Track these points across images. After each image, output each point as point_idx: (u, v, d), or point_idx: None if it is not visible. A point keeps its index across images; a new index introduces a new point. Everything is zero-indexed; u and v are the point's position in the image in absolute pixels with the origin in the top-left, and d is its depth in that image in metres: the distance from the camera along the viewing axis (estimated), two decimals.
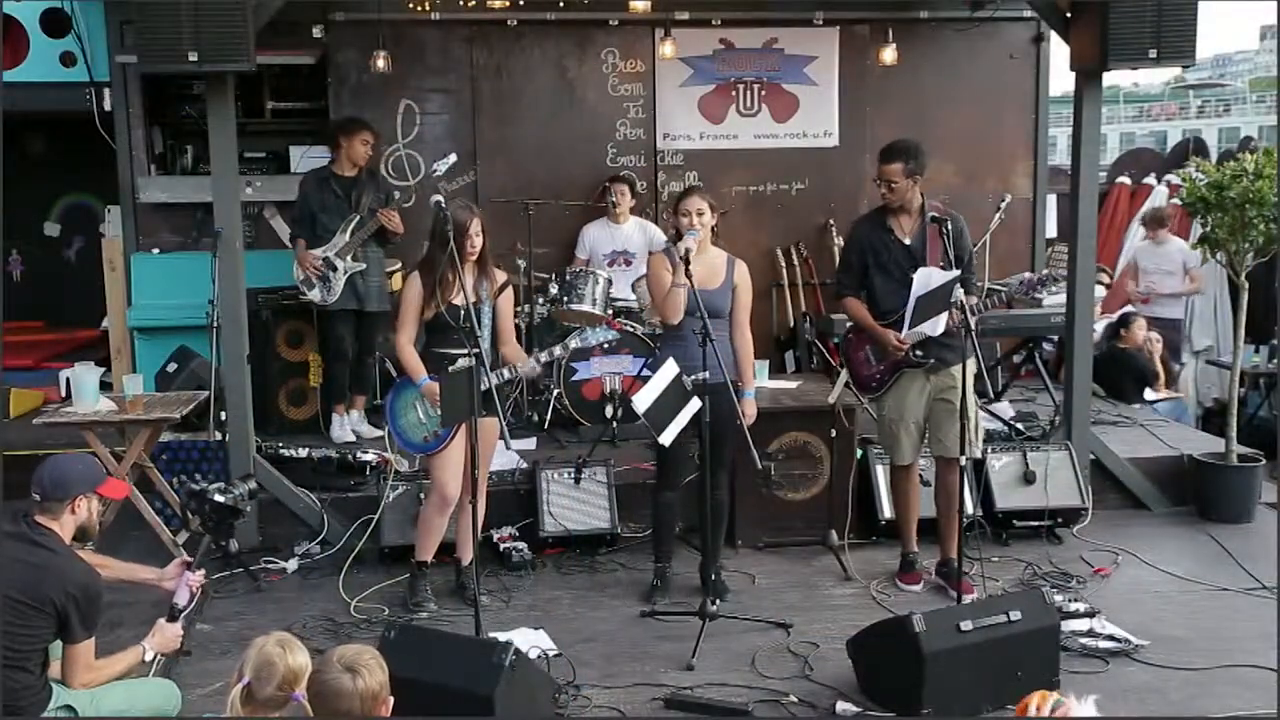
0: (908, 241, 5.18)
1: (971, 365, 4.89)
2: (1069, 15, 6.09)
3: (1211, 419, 8.59)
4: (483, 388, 4.62)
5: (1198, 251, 7.23)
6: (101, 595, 3.57)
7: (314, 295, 6.67)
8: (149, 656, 3.78)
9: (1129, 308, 8.88)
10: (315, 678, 2.77)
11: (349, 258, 6.68)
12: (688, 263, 4.86)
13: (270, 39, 5.87)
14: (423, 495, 5.57)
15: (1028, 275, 5.35)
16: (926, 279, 5.01)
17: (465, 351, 4.68)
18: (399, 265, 7.09)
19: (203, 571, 4.06)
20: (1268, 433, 7.44)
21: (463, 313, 4.77)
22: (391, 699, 2.81)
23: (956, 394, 4.90)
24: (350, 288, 6.71)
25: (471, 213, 5.04)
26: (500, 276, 5.16)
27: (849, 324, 5.50)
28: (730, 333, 5.13)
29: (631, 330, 6.94)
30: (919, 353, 5.14)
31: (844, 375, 5.56)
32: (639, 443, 6.61)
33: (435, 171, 6.37)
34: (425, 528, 5.20)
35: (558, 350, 5.14)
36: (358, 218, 6.71)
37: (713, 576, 5.10)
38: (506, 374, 5.06)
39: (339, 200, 6.77)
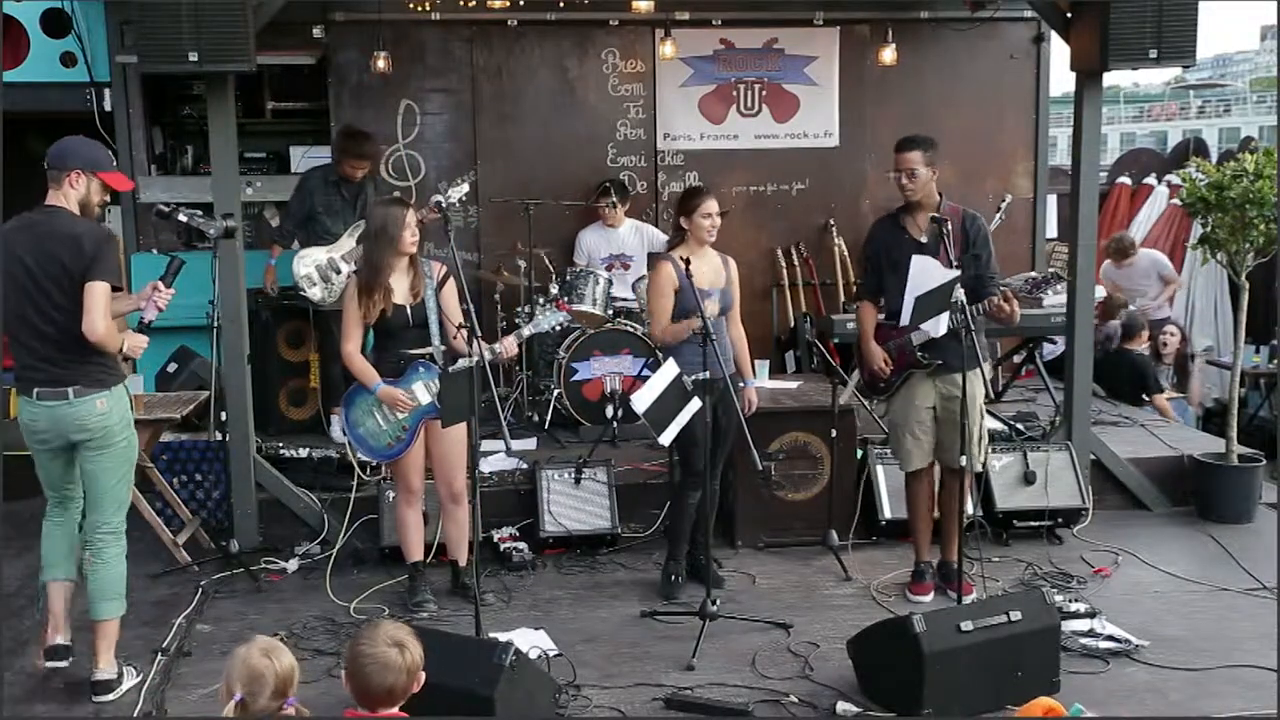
0: (923, 240, 5.07)
1: (986, 370, 4.79)
2: (1069, 15, 6.09)
3: (1211, 419, 8.60)
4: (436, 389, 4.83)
5: (1162, 255, 7.17)
6: (109, 241, 4.08)
7: (314, 294, 6.64)
8: (125, 347, 4.19)
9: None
10: (360, 651, 2.89)
11: (353, 263, 6.67)
12: (692, 282, 4.94)
13: (270, 39, 5.87)
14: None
15: (1032, 274, 5.29)
16: (923, 269, 4.98)
17: (421, 352, 4.93)
18: None
19: (171, 291, 4.37)
20: (1268, 433, 7.45)
21: (408, 312, 4.95)
22: (423, 674, 2.98)
23: (958, 402, 4.83)
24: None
25: (405, 206, 5.02)
26: (439, 268, 5.12)
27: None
28: (727, 326, 5.25)
29: (631, 330, 6.95)
30: (924, 355, 5.06)
31: (855, 377, 5.50)
32: (639, 443, 6.62)
33: (448, 198, 6.18)
34: (399, 524, 5.24)
35: (511, 337, 5.10)
36: (364, 223, 6.69)
37: (706, 564, 5.07)
38: (463, 363, 5.01)
39: (344, 204, 6.80)
